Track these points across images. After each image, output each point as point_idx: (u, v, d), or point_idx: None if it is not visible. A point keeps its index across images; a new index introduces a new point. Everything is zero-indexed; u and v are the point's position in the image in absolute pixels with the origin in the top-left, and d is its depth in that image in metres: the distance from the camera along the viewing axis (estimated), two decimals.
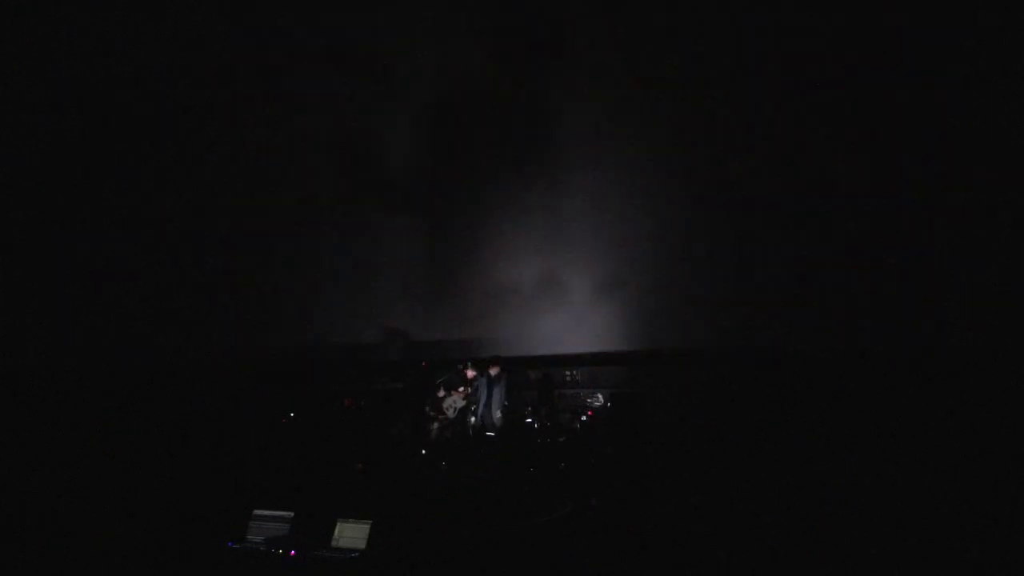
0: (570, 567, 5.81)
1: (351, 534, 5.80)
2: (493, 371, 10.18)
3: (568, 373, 10.57)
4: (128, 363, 11.46)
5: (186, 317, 11.88)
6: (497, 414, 9.94)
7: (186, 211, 11.94)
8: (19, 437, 9.70)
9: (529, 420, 10.06)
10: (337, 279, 11.83)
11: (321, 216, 11.92)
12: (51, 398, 10.70)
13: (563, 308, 11.32)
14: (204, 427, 10.18)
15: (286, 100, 11.64)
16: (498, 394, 10.05)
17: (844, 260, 10.40)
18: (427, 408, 10.05)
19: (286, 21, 11.45)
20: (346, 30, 11.40)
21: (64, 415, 10.35)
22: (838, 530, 6.03)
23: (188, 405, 10.65)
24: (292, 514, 6.01)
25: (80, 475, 8.49)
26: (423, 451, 9.52)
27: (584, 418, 9.96)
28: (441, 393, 10.03)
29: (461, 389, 9.98)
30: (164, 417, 10.40)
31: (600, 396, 9.91)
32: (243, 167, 11.88)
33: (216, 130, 11.78)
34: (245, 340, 11.73)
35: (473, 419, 9.88)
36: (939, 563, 5.55)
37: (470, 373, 10.14)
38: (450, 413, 9.96)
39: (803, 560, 5.66)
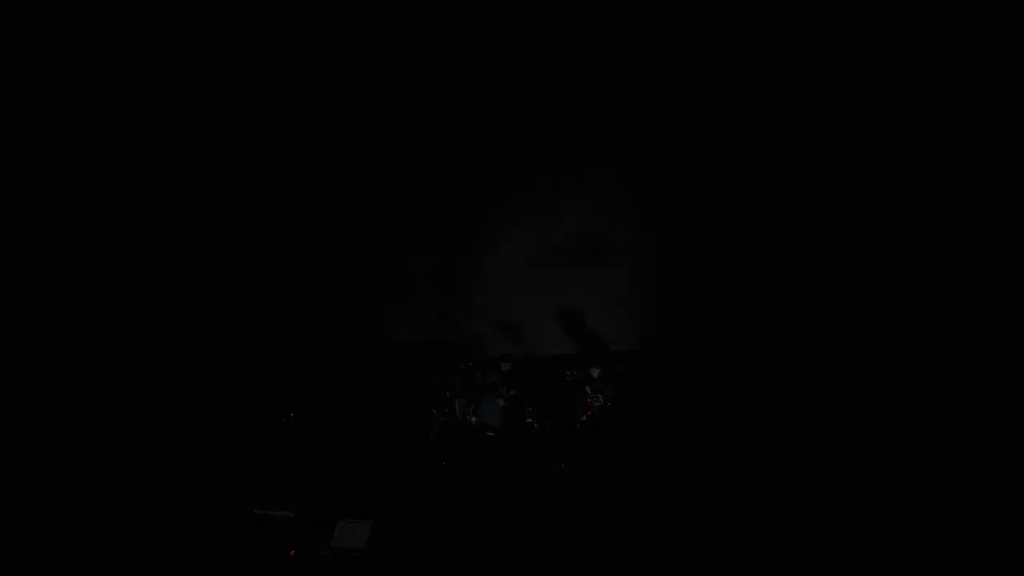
0: (570, 567, 5.82)
1: (351, 534, 5.82)
2: (503, 369, 10.26)
3: (568, 373, 10.57)
4: (130, 362, 11.45)
5: (187, 316, 11.88)
6: (497, 414, 9.95)
7: (186, 210, 11.94)
8: (19, 437, 9.71)
9: (529, 420, 10.07)
10: (338, 279, 11.84)
11: (321, 215, 11.93)
12: (51, 398, 10.69)
13: (562, 308, 11.32)
14: (204, 427, 10.19)
15: (286, 100, 11.64)
16: (498, 394, 10.07)
17: (844, 260, 10.40)
18: (433, 409, 10.08)
19: (286, 21, 11.45)
20: (346, 30, 11.40)
21: (64, 415, 10.35)
22: (838, 530, 6.04)
23: (190, 404, 10.65)
24: (292, 514, 6.02)
25: (80, 475, 8.51)
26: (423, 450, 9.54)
27: (584, 418, 9.96)
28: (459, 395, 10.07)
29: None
30: (164, 417, 10.40)
31: (600, 396, 9.90)
32: (243, 167, 11.89)
33: (216, 130, 11.78)
34: (247, 340, 11.73)
35: (473, 419, 9.90)
36: (939, 563, 5.56)
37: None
38: (468, 417, 9.99)
39: (803, 560, 5.67)
